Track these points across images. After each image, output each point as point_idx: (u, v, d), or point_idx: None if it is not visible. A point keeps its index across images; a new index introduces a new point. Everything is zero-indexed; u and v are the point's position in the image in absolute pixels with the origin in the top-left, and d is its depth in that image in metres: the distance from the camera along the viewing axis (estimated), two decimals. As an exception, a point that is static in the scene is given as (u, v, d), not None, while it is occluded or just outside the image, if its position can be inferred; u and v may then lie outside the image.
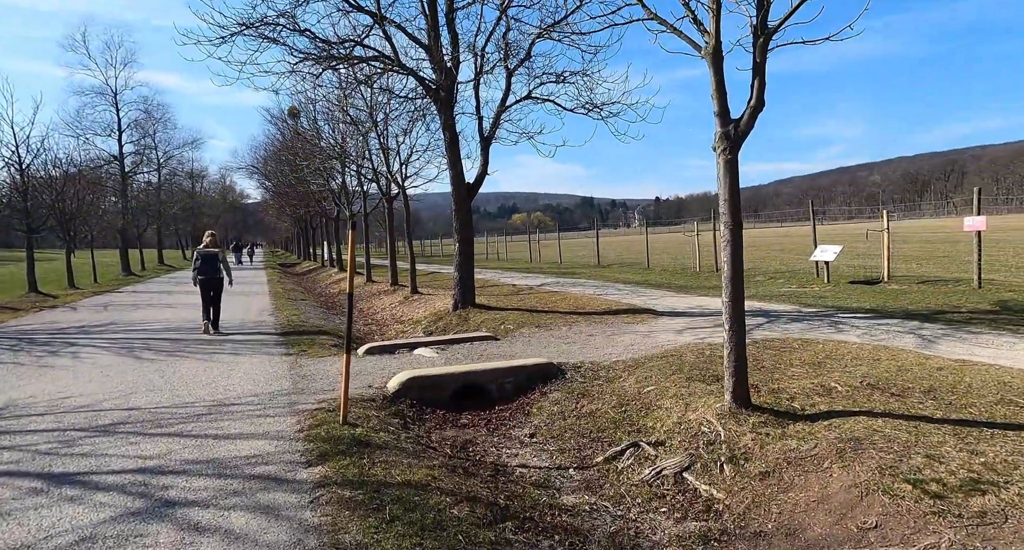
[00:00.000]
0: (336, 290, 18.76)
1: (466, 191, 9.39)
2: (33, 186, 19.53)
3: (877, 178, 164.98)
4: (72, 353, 7.25)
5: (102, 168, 29.48)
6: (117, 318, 10.84)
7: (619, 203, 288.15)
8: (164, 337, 8.47)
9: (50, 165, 20.75)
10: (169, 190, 38.75)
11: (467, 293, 9.54)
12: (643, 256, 25.34)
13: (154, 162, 35.40)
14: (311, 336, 8.49)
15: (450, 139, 9.19)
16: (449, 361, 6.18)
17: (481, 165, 9.44)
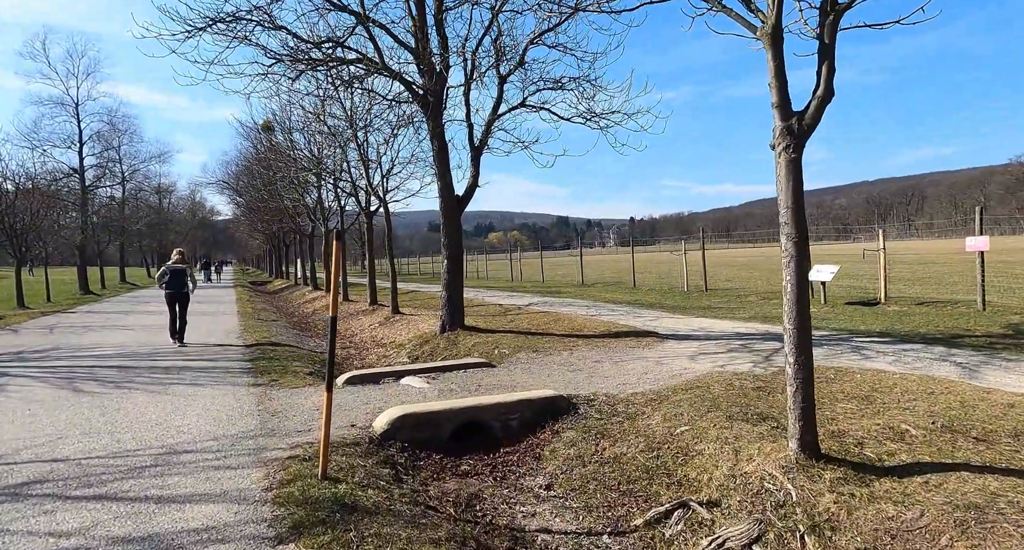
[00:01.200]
0: (310, 310, 17.75)
1: (455, 203, 8.74)
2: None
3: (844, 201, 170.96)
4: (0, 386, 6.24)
5: (60, 181, 27.93)
6: (63, 342, 9.73)
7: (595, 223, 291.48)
8: (113, 364, 7.48)
9: (0, 177, 19.38)
10: (134, 205, 37.07)
11: (456, 314, 8.81)
12: (625, 275, 25.10)
13: (118, 176, 33.85)
14: (283, 362, 7.61)
15: (438, 148, 8.57)
16: (443, 393, 5.44)
17: (472, 176, 8.84)
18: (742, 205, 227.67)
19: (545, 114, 8.81)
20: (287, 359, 7.92)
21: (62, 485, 3.38)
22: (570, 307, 12.60)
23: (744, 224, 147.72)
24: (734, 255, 44.89)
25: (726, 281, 19.69)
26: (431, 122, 8.50)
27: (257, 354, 8.25)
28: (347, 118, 11.62)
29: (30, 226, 20.88)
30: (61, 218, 26.70)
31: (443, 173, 8.62)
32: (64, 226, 27.03)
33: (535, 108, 8.66)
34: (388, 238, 12.63)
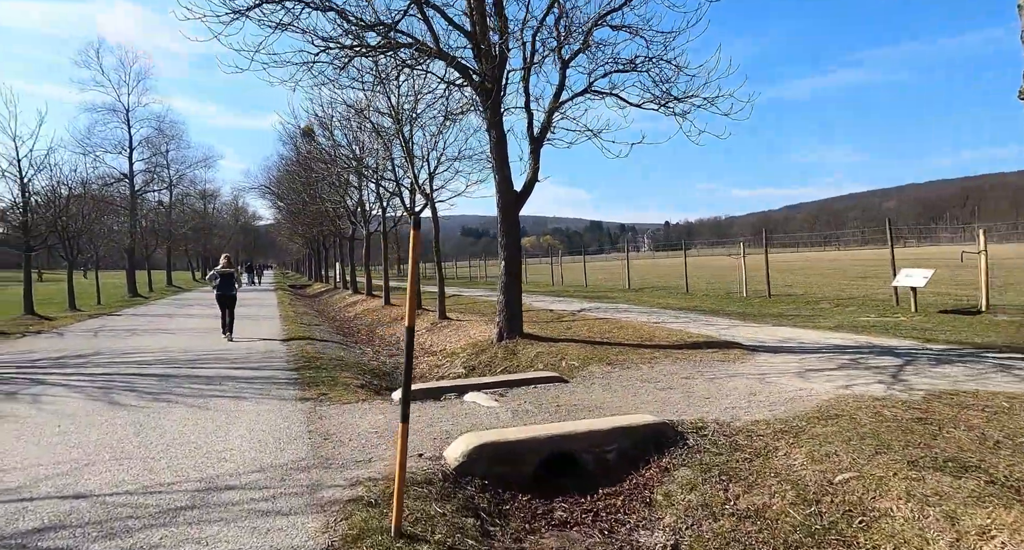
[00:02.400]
0: (351, 314, 17.32)
1: (514, 199, 7.99)
2: (35, 202, 18.52)
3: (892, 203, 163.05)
4: (33, 396, 5.79)
5: (111, 186, 28.66)
6: (106, 346, 9.42)
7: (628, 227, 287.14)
8: (154, 373, 7.01)
9: (55, 181, 19.76)
10: (180, 210, 37.93)
11: (514, 321, 8.03)
12: (671, 279, 23.89)
13: (165, 180, 34.66)
14: (330, 373, 6.98)
15: (496, 138, 7.84)
16: (517, 415, 4.65)
17: (531, 169, 8.05)
18: (782, 209, 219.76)
19: (611, 101, 7.97)
20: (334, 369, 7.30)
21: (80, 535, 2.74)
22: (627, 313, 11.69)
23: (784, 228, 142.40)
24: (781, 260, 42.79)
25: (785, 286, 18.32)
26: (489, 111, 7.78)
27: (302, 363, 7.67)
28: (393, 112, 11.04)
29: (82, 229, 21.31)
30: (112, 222, 27.35)
31: (501, 166, 7.88)
32: (114, 230, 27.68)
33: (602, 94, 7.82)
34: (436, 240, 11.98)
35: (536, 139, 8.03)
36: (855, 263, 29.92)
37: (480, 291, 21.83)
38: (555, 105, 7.94)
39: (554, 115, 8.04)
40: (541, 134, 8.03)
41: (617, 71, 7.48)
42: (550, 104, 7.95)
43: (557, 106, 7.94)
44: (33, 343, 9.97)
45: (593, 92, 7.87)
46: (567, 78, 7.96)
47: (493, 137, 7.86)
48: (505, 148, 7.93)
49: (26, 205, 17.83)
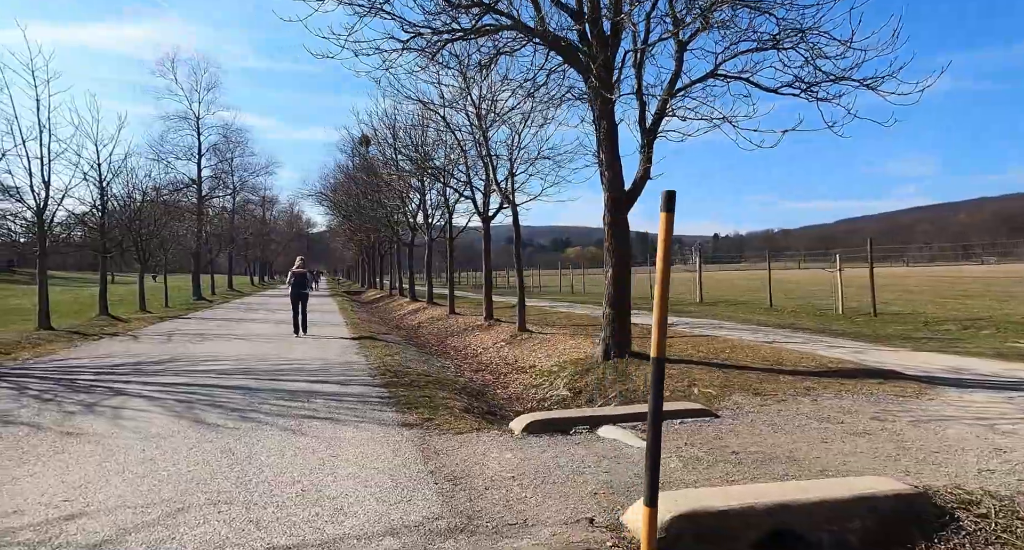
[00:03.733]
0: (415, 322, 16.73)
1: (624, 199, 7.05)
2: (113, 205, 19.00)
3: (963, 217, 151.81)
4: (114, 409, 5.24)
5: (180, 191, 29.55)
6: (181, 352, 9.03)
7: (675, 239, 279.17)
8: (234, 384, 6.42)
9: (130, 185, 20.29)
10: (242, 215, 38.97)
11: (623, 337, 7.05)
12: (737, 293, 22.31)
13: (229, 187, 35.64)
14: (424, 391, 6.19)
15: (607, 129, 6.94)
16: (688, 464, 3.66)
17: (642, 166, 7.10)
18: (838, 222, 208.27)
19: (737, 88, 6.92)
20: (426, 387, 6.51)
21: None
22: (722, 329, 10.51)
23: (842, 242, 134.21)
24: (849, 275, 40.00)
25: (881, 303, 16.51)
26: (598, 100, 6.89)
27: (389, 378, 6.93)
28: (474, 107, 10.35)
29: (154, 233, 21.82)
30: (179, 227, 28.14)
31: (611, 161, 6.97)
32: (181, 234, 28.47)
33: (729, 78, 6.79)
34: (516, 245, 11.16)
35: (649, 131, 7.07)
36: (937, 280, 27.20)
37: (543, 301, 20.92)
38: (670, 93, 6.96)
39: (668, 104, 7.07)
40: (654, 125, 7.07)
41: (755, 49, 6.42)
42: (665, 91, 6.98)
43: (672, 93, 6.96)
44: (111, 346, 9.73)
45: (718, 76, 6.86)
46: (684, 62, 6.98)
47: (603, 128, 6.96)
48: (616, 141, 7.03)
49: (104, 208, 18.29)
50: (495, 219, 13.80)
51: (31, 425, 4.67)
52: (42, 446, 4.13)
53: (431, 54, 7.47)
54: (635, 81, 7.12)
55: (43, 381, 6.52)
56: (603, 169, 7.05)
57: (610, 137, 6.96)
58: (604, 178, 7.05)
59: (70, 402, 5.49)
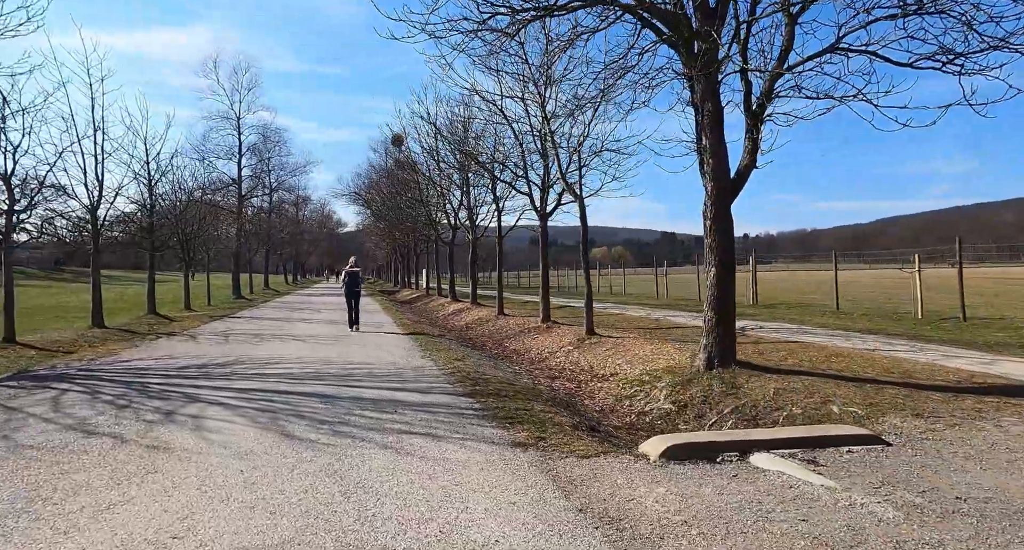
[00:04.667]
0: (461, 323, 16.27)
1: (729, 189, 6.38)
2: (160, 204, 19.08)
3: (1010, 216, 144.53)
4: (194, 419, 4.84)
5: (222, 191, 29.83)
6: (242, 354, 8.70)
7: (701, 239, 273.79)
8: (309, 390, 5.99)
9: (176, 184, 20.38)
10: (279, 214, 39.30)
11: (727, 344, 6.38)
12: (787, 294, 21.19)
13: (267, 186, 35.94)
14: (517, 403, 5.64)
15: (713, 112, 6.28)
16: (909, 515, 3.00)
17: (747, 151, 6.42)
18: (872, 222, 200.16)
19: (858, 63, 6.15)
20: (516, 397, 5.96)
21: None
22: (806, 335, 9.71)
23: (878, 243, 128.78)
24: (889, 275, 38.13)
25: (951, 308, 15.33)
26: (701, 80, 6.23)
27: (469, 386, 6.41)
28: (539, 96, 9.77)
29: (197, 232, 21.92)
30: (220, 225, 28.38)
31: (716, 147, 6.30)
32: (223, 233, 28.72)
33: (852, 52, 6.03)
34: (584, 242, 10.53)
35: (755, 114, 6.39)
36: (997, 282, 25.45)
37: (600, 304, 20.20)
38: (779, 71, 6.25)
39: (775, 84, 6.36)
40: (761, 107, 6.38)
41: (897, 15, 5.64)
42: (774, 68, 6.27)
43: (782, 71, 6.24)
44: (171, 347, 9.48)
45: (839, 50, 6.11)
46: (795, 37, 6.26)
47: (708, 111, 6.30)
48: (722, 124, 6.35)
49: (153, 207, 18.37)
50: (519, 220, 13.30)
51: (113, 436, 4.28)
52: (131, 463, 3.71)
53: (511, 34, 6.93)
54: (740, 60, 6.44)
55: (114, 384, 6.19)
56: (706, 156, 6.38)
57: (716, 120, 6.29)
58: (707, 166, 6.39)
59: (147, 409, 5.11)
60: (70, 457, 3.80)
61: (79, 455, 3.85)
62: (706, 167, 6.39)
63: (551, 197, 12.56)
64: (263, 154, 33.78)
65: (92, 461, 3.73)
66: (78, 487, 3.29)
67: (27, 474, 3.49)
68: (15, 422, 4.64)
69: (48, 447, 4.01)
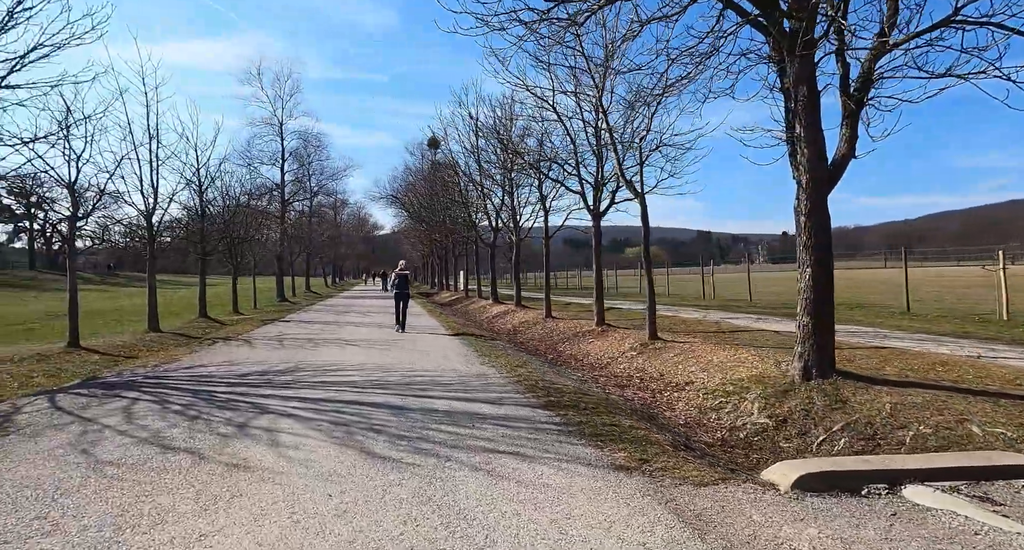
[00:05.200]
0: (508, 326, 15.93)
1: (827, 180, 5.82)
2: (210, 210, 19.46)
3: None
4: (268, 432, 4.61)
5: (265, 196, 30.43)
6: (300, 360, 8.57)
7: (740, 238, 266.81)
8: (378, 401, 5.73)
9: (224, 190, 20.78)
10: (320, 218, 39.93)
11: (826, 352, 5.82)
12: (840, 294, 19.97)
13: (308, 190, 36.54)
14: (601, 416, 5.23)
15: (808, 98, 5.72)
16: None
17: (845, 140, 5.84)
18: (920, 218, 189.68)
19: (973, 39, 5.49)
20: (597, 409, 5.54)
21: None
22: (889, 339, 8.94)
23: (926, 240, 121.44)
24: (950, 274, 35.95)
25: None
26: (796, 60, 5.68)
27: (542, 396, 6.04)
28: (596, 89, 9.32)
29: (244, 237, 22.31)
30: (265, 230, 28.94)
31: (813, 135, 5.74)
32: (267, 238, 29.26)
33: (969, 23, 5.38)
34: (645, 242, 10.03)
35: (855, 98, 5.80)
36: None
37: (634, 304, 19.60)
38: (881, 49, 5.64)
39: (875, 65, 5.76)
40: (861, 90, 5.79)
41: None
42: (874, 47, 5.67)
43: (885, 49, 5.62)
44: (230, 352, 9.45)
45: (954, 23, 5.46)
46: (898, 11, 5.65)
47: (802, 96, 5.74)
48: (818, 110, 5.79)
49: (203, 212, 18.75)
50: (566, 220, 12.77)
51: (191, 452, 4.08)
52: (213, 483, 3.48)
53: (580, 22, 6.53)
54: (836, 39, 5.87)
55: (181, 393, 6.08)
56: (799, 145, 5.83)
57: (811, 106, 5.73)
58: (801, 156, 5.84)
59: (218, 421, 4.93)
60: (151, 476, 3.60)
61: (160, 474, 3.65)
62: (800, 157, 5.84)
63: (603, 195, 12.10)
64: (304, 158, 34.35)
65: (174, 481, 3.51)
66: (164, 512, 3.07)
67: (111, 496, 3.29)
68: (91, 435, 4.51)
69: (128, 464, 3.83)
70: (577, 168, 12.09)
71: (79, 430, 4.64)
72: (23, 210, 45.20)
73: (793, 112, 5.91)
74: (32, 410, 5.42)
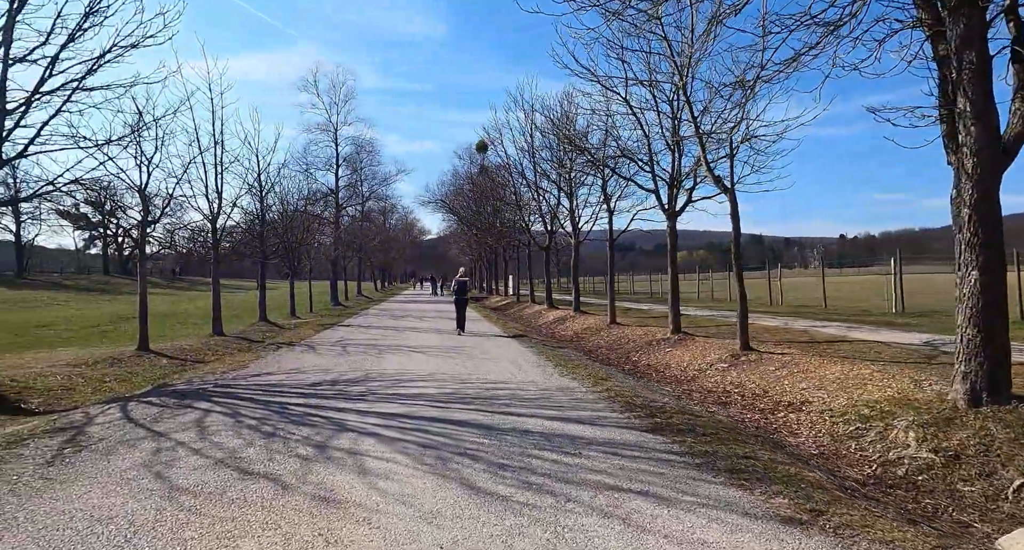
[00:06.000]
0: (570, 333, 15.18)
1: (1000, 162, 4.84)
2: (270, 216, 19.71)
3: None
4: (352, 455, 4.09)
5: (320, 201, 30.92)
6: (369, 368, 8.14)
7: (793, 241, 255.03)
8: (463, 418, 5.15)
9: (282, 196, 21.04)
10: (372, 222, 40.41)
11: (997, 371, 4.82)
12: (923, 299, 18.03)
13: (360, 196, 37.00)
14: (732, 447, 4.44)
15: (977, 65, 4.77)
16: None
17: (1020, 115, 4.84)
18: None
19: None
20: (721, 437, 4.75)
21: None
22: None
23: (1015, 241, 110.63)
24: None
25: None
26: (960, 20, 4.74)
27: (646, 417, 5.29)
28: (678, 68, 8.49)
29: (301, 242, 22.55)
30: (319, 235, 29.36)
31: (983, 108, 4.77)
32: (322, 242, 29.68)
33: None
34: (735, 246, 9.08)
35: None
36: None
37: (694, 309, 18.44)
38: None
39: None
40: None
41: None
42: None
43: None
44: (295, 359, 9.16)
45: None
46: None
47: (967, 61, 4.79)
48: (988, 80, 4.82)
49: (263, 217, 18.99)
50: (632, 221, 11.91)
51: (271, 479, 3.58)
52: (301, 524, 2.95)
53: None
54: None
55: (253, 404, 5.70)
56: (964, 122, 4.87)
57: (980, 74, 4.76)
58: (964, 136, 4.88)
59: (296, 440, 4.45)
60: (232, 510, 3.11)
61: (240, 507, 3.15)
62: (964, 136, 4.88)
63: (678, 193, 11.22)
64: (357, 163, 34.78)
65: (257, 519, 3.00)
66: (251, 564, 2.54)
67: (187, 536, 2.81)
68: (165, 453, 4.11)
69: (205, 492, 3.36)
70: (651, 163, 11.26)
71: (152, 447, 4.26)
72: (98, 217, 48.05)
73: (954, 84, 4.95)
74: (104, 421, 5.13)
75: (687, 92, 9.07)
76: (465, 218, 35.01)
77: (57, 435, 4.65)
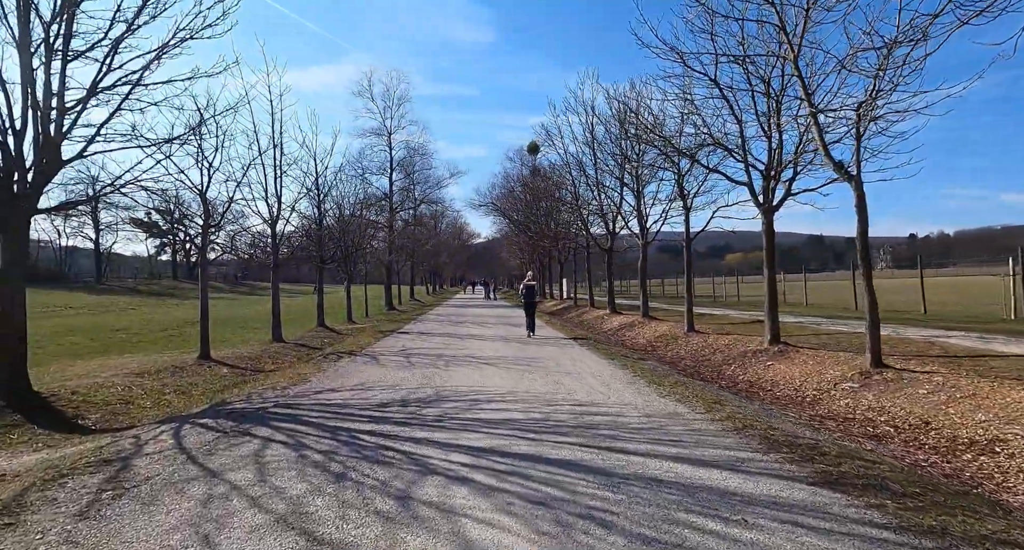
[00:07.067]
0: (642, 340, 13.94)
1: None
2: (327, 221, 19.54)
3: None
4: (444, 514, 3.19)
5: (375, 205, 30.87)
6: (439, 384, 7.31)
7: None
8: (571, 458, 4.17)
9: (338, 200, 20.86)
10: (425, 226, 40.29)
11: None
12: None
13: (413, 200, 36.88)
14: (957, 516, 3.26)
15: None
16: None
17: None
18: None
19: None
20: (924, 498, 3.56)
21: None
22: None
23: None
24: None
25: None
26: None
27: (804, 462, 4.13)
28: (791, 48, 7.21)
29: (357, 246, 22.34)
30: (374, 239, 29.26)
31: None
32: (376, 247, 29.59)
33: None
34: (861, 242, 7.66)
35: None
36: None
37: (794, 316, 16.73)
38: None
39: None
40: None
41: None
42: None
43: None
44: (358, 372, 8.45)
45: None
46: None
47: None
48: None
49: (321, 221, 18.79)
50: (712, 219, 10.50)
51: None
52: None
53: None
54: None
55: (318, 432, 4.93)
56: None
57: None
58: None
59: (371, 485, 3.60)
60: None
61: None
62: None
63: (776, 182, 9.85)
64: (410, 167, 34.64)
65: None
66: None
67: None
68: (217, 504, 3.35)
69: (263, 574, 2.53)
70: (744, 153, 9.96)
71: (203, 494, 3.52)
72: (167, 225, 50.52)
73: None
74: (154, 450, 4.48)
75: (797, 65, 7.78)
76: (517, 221, 34.21)
77: (101, 469, 4.01)
